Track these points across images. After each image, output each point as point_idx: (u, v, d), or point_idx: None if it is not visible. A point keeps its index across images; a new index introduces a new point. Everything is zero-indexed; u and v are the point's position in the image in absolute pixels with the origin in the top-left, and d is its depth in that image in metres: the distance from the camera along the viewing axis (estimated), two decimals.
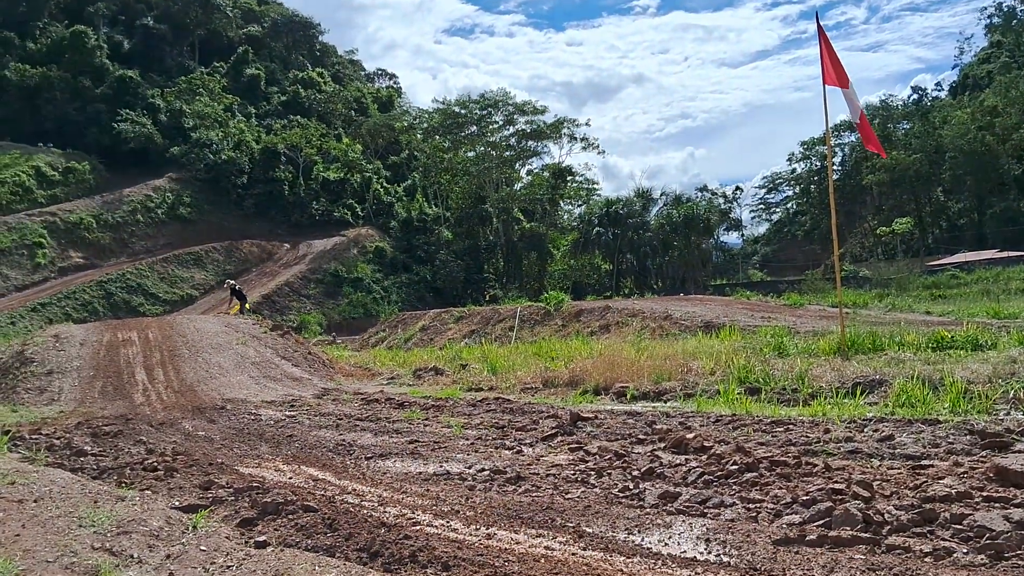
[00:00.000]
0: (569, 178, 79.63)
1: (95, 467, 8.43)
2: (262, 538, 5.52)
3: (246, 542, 5.46)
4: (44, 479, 7.09)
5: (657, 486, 6.53)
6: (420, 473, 7.72)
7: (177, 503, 6.56)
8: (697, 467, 6.95)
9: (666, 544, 5.09)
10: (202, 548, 5.18)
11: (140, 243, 62.43)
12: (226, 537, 5.53)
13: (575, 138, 76.35)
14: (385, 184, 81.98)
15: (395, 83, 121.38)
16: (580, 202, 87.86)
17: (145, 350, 20.38)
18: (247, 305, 34.48)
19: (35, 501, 6.22)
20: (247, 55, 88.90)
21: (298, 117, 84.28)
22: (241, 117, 79.15)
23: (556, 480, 7.04)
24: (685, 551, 4.93)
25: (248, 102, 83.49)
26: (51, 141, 65.80)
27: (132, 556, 4.95)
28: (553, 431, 9.51)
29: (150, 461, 8.54)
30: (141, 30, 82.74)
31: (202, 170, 69.39)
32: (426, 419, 11.67)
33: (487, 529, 5.57)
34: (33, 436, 10.68)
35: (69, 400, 16.02)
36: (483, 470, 7.60)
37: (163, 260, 59.07)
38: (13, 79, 65.81)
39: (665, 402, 11.92)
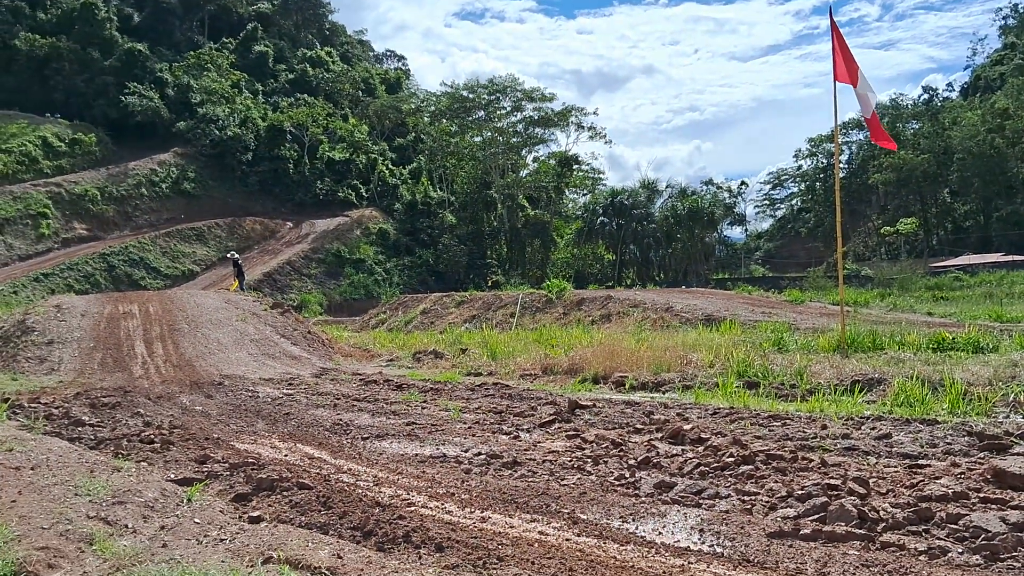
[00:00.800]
0: (575, 167, 79.55)
1: (92, 437, 8.46)
2: (256, 513, 5.53)
3: (240, 516, 5.47)
4: (42, 447, 7.10)
5: (653, 475, 6.54)
6: (416, 455, 7.73)
7: (173, 476, 6.58)
8: (693, 458, 6.95)
9: (660, 533, 5.10)
10: (196, 521, 5.19)
11: (144, 217, 62.42)
12: (220, 511, 5.54)
13: (582, 127, 76.27)
14: (390, 166, 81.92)
15: (403, 65, 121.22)
16: (585, 191, 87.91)
17: (145, 323, 20.39)
18: (244, 283, 34.42)
19: (32, 469, 6.23)
20: (256, 32, 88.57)
21: (305, 96, 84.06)
22: (248, 94, 78.96)
23: (552, 466, 7.05)
24: (679, 541, 4.94)
25: (255, 79, 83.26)
26: (58, 112, 65.65)
27: (127, 526, 4.96)
28: (551, 418, 9.52)
29: (147, 433, 8.56)
30: (151, 3, 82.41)
31: (207, 146, 69.29)
32: (424, 402, 11.69)
33: (482, 512, 5.58)
34: (32, 405, 10.71)
35: (69, 370, 16.05)
36: (480, 454, 7.61)
37: (166, 235, 59.08)
38: (22, 49, 65.57)
39: (663, 393, 11.91)
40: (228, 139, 69.73)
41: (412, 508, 5.63)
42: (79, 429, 8.96)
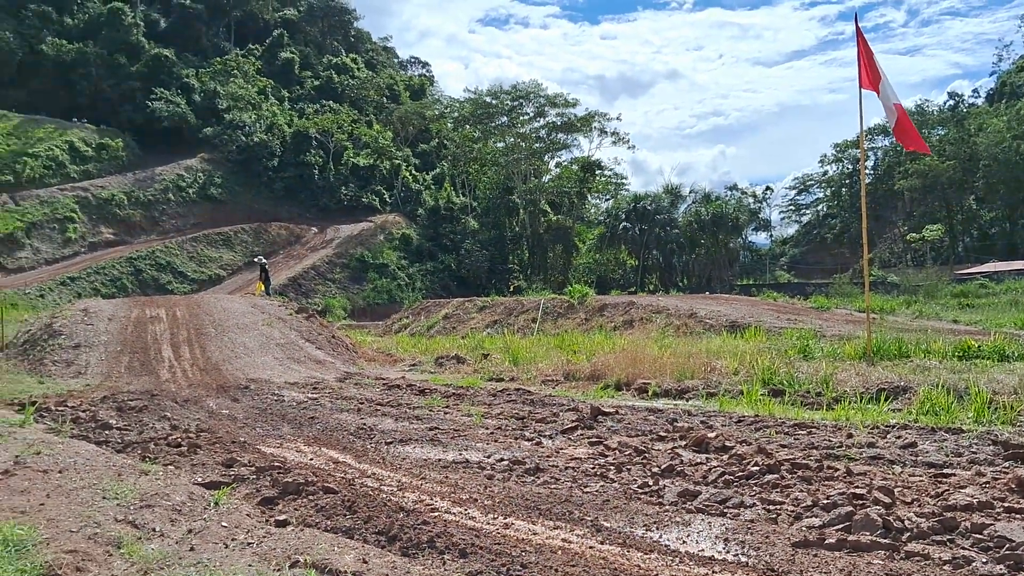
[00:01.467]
0: (598, 172, 79.37)
1: (120, 441, 8.55)
2: (282, 517, 5.58)
3: (267, 520, 5.52)
4: (69, 451, 7.19)
5: (677, 484, 6.52)
6: (439, 460, 7.75)
7: (200, 479, 6.64)
8: (718, 467, 6.93)
9: (684, 542, 5.09)
10: (223, 524, 5.23)
11: (170, 221, 63.10)
12: (247, 515, 5.59)
13: (605, 132, 76.13)
14: (414, 172, 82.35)
15: (428, 71, 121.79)
16: (608, 196, 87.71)
17: (172, 327, 20.58)
18: (270, 287, 34.72)
19: (60, 472, 6.31)
20: (282, 39, 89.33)
21: (330, 102, 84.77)
22: (274, 100, 79.66)
23: (575, 473, 7.04)
24: (703, 550, 4.92)
25: (281, 85, 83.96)
26: (85, 117, 66.46)
27: (154, 530, 5.01)
28: (573, 424, 9.52)
29: (174, 437, 8.64)
30: (178, 9, 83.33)
31: (234, 151, 69.98)
32: (447, 407, 11.71)
33: (505, 519, 5.59)
34: (59, 408, 10.84)
35: (96, 374, 16.22)
36: (502, 460, 7.62)
37: (192, 239, 59.65)
38: (50, 54, 66.47)
39: (687, 400, 11.87)
40: (254, 145, 70.38)
41: (436, 513, 5.65)
42: (106, 432, 9.06)
